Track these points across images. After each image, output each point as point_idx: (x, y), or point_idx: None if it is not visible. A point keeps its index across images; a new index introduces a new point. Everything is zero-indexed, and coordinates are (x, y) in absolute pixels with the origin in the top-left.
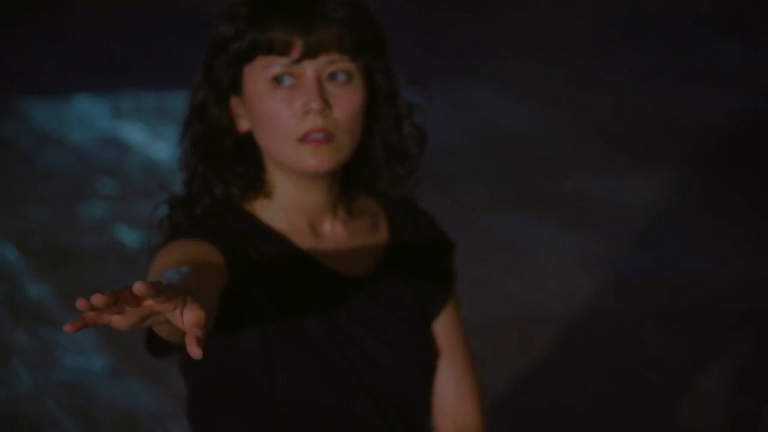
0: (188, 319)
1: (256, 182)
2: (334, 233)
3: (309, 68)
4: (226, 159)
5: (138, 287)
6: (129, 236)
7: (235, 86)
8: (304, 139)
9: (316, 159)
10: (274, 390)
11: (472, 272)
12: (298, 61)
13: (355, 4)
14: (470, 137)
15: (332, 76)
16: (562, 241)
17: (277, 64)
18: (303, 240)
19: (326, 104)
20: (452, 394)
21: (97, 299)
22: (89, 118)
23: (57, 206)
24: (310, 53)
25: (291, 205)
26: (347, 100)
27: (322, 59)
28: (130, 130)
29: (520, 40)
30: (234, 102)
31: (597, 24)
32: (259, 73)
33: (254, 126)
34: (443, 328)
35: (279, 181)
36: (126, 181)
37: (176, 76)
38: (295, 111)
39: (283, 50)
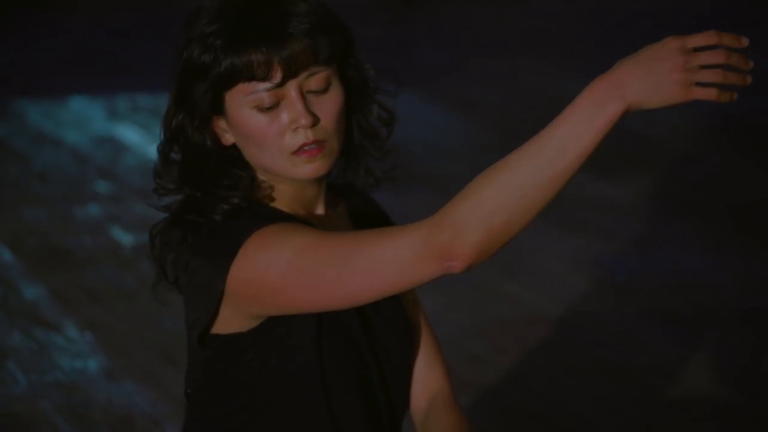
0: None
1: (254, 185)
2: (327, 217)
3: (291, 86)
4: (217, 179)
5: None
6: (124, 237)
7: (216, 108)
8: (297, 152)
9: (312, 166)
10: (324, 386)
11: (469, 273)
12: (280, 84)
13: (320, 12)
14: (467, 137)
15: (312, 88)
16: (558, 242)
17: (260, 90)
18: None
19: (314, 117)
20: (422, 362)
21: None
22: (85, 119)
23: (52, 207)
24: (290, 73)
25: (292, 200)
26: (331, 107)
27: (302, 75)
28: (125, 131)
29: (517, 39)
30: (215, 121)
31: (595, 23)
32: (241, 98)
33: (242, 143)
34: (406, 303)
35: (275, 183)
36: (121, 182)
37: (171, 77)
38: (283, 127)
39: (264, 74)
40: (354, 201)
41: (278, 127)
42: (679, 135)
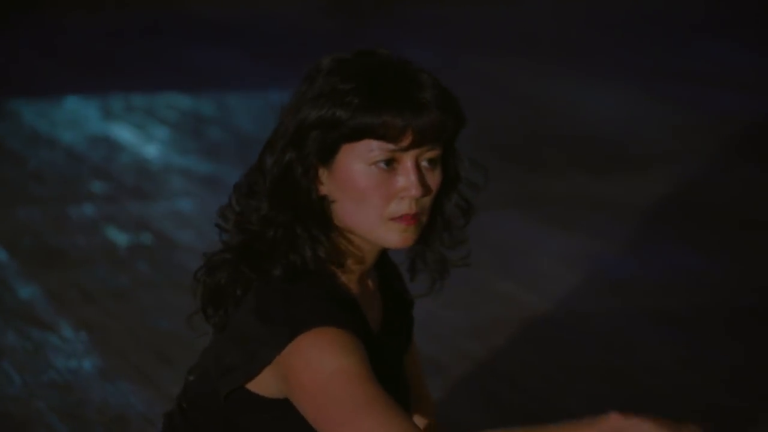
0: None
1: (329, 243)
2: (370, 290)
3: (411, 155)
4: (317, 221)
5: None
6: (119, 237)
7: (326, 156)
8: (396, 219)
9: (403, 237)
10: None
11: (463, 273)
12: (405, 149)
13: (443, 89)
14: (463, 137)
15: (424, 162)
16: (554, 241)
17: (383, 149)
18: (363, 302)
19: (424, 190)
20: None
21: None
22: (79, 118)
23: (47, 207)
24: (418, 142)
25: (354, 266)
26: (435, 185)
27: (425, 147)
28: (120, 131)
29: (513, 39)
30: (319, 169)
31: (591, 24)
32: (360, 152)
33: (340, 197)
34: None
35: (347, 245)
36: (116, 182)
37: (166, 77)
38: (392, 192)
39: (394, 137)
40: (386, 272)
41: (387, 190)
42: (675, 135)
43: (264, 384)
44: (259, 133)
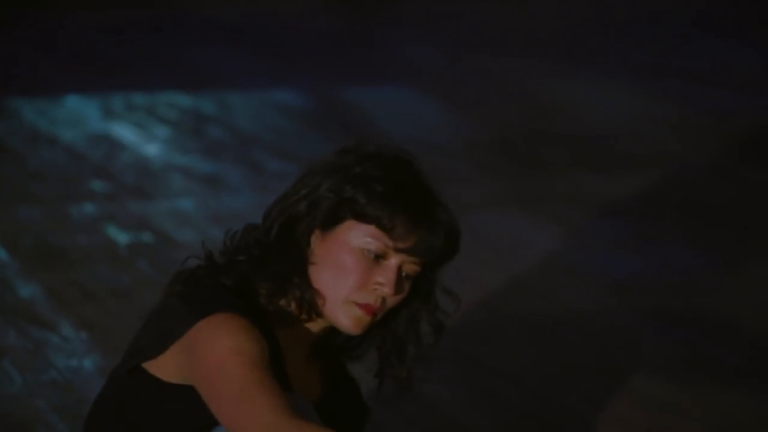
0: None
1: (299, 296)
2: (300, 358)
3: (399, 258)
4: (300, 274)
5: None
6: (120, 236)
7: (329, 224)
8: (359, 304)
9: (355, 322)
10: None
11: (463, 272)
12: (398, 251)
13: (458, 226)
14: (462, 136)
15: (404, 272)
16: (553, 240)
17: (381, 241)
18: (290, 361)
19: (395, 293)
20: None
21: None
22: (80, 117)
23: (48, 206)
24: (412, 251)
25: (300, 331)
26: (402, 294)
27: (412, 258)
28: (121, 130)
29: (514, 38)
30: (315, 231)
31: (592, 22)
32: (360, 233)
33: (321, 262)
34: None
35: (309, 310)
36: (117, 181)
37: (167, 76)
38: (369, 281)
39: (398, 237)
40: (336, 366)
41: (367, 277)
42: (676, 133)
43: (166, 367)
44: (259, 133)
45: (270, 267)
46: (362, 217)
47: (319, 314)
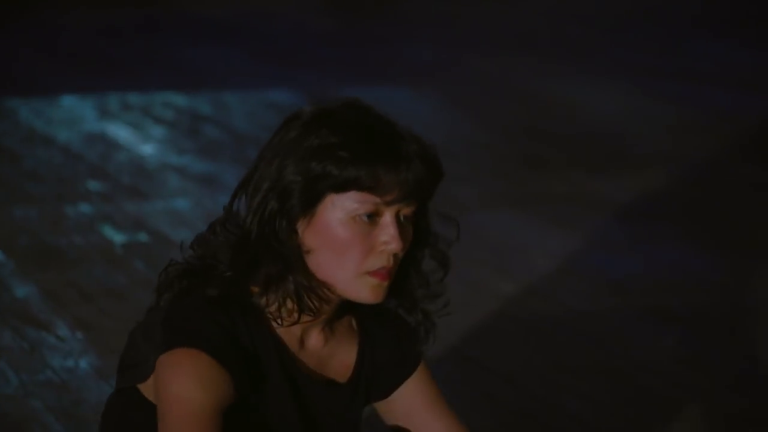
0: None
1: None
2: (314, 346)
3: (392, 209)
4: (301, 270)
5: None
6: (116, 236)
7: (308, 207)
8: (373, 272)
9: (375, 292)
10: None
11: (462, 272)
12: (390, 203)
13: (430, 146)
14: (461, 136)
15: (401, 218)
16: (552, 240)
17: (369, 202)
18: (292, 347)
19: (402, 245)
20: None
21: None
22: (76, 117)
23: (43, 206)
24: (403, 197)
25: (309, 321)
26: (408, 240)
27: (405, 202)
28: (116, 130)
29: (513, 38)
30: (299, 220)
31: (590, 23)
32: (344, 204)
33: (317, 248)
34: (414, 393)
35: (313, 300)
36: (113, 181)
37: (163, 75)
38: (372, 245)
39: (383, 190)
40: (371, 327)
41: (369, 243)
42: (674, 133)
43: (150, 389)
44: (255, 132)
45: (262, 270)
46: (340, 188)
47: (329, 300)
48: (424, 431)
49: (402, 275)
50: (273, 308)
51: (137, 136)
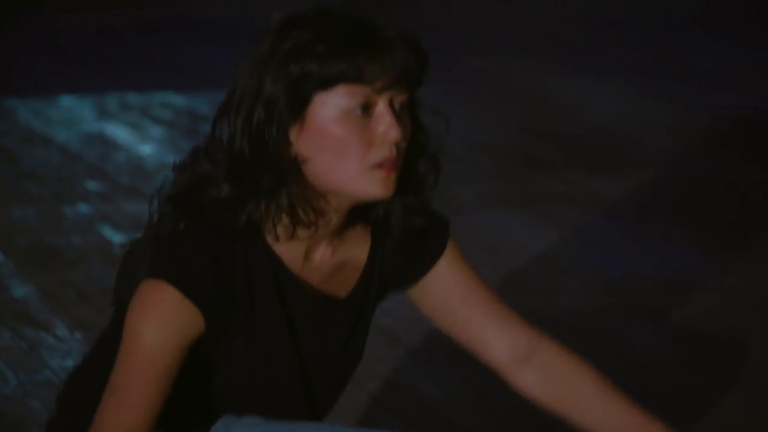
0: None
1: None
2: (322, 259)
3: (384, 97)
4: (299, 182)
5: None
6: (114, 236)
7: (297, 112)
8: (378, 165)
9: (385, 186)
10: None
11: None
12: (380, 91)
13: (409, 30)
14: (459, 136)
15: (396, 106)
16: (551, 240)
17: (359, 93)
18: (294, 264)
19: (401, 132)
20: (496, 330)
21: None
22: (75, 117)
23: (42, 206)
24: (392, 82)
25: (312, 233)
26: (408, 128)
27: (396, 88)
28: (115, 130)
29: (511, 38)
30: (289, 129)
31: (588, 22)
32: (334, 101)
33: (314, 154)
34: (446, 276)
35: (315, 210)
36: (111, 181)
37: (161, 75)
38: (371, 138)
39: (369, 79)
40: (380, 233)
41: (367, 136)
42: (673, 133)
43: None
44: None
45: (258, 188)
46: (325, 84)
47: (325, 212)
48: (463, 314)
49: (409, 169)
50: (269, 225)
51: (136, 136)
